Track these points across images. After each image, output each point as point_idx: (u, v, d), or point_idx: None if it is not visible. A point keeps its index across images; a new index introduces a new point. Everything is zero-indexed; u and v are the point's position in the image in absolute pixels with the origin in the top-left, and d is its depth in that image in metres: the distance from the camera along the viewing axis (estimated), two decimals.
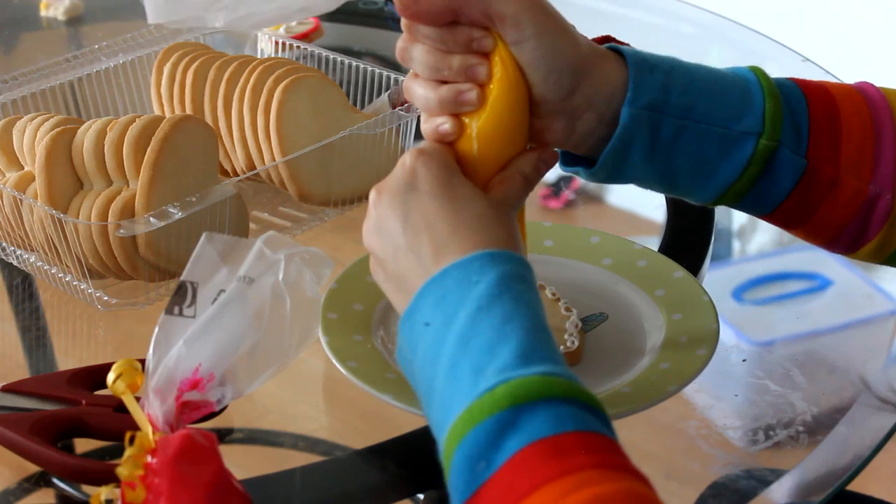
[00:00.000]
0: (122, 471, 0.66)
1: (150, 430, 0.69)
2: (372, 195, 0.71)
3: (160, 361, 0.70)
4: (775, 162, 0.75)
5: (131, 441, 0.67)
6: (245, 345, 0.70)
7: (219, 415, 0.74)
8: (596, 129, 0.74)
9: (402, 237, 0.69)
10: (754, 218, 0.81)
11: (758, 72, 0.76)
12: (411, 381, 0.68)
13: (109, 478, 0.68)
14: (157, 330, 0.71)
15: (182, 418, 0.70)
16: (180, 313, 0.71)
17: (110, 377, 0.70)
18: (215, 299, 0.71)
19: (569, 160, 0.78)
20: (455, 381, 0.62)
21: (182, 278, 0.71)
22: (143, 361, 0.71)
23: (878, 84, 0.79)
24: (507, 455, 0.58)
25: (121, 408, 0.74)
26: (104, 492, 0.67)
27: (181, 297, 0.71)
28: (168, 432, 0.69)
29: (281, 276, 0.71)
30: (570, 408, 0.60)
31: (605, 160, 0.75)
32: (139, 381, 0.70)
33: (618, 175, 0.76)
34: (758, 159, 0.74)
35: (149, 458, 0.66)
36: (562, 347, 0.82)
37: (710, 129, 0.74)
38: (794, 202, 0.76)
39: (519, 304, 0.64)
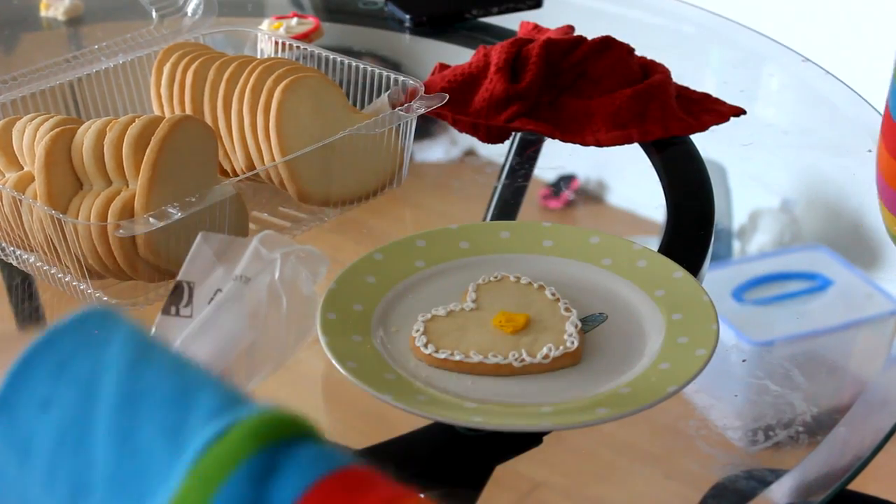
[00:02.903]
0: None
1: None
2: None
3: None
4: None
5: None
6: (242, 344, 0.70)
7: None
8: None
9: None
10: (754, 218, 0.81)
11: None
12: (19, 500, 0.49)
13: None
14: (153, 330, 0.71)
15: None
16: (177, 313, 0.71)
17: None
18: (212, 299, 0.71)
19: None
20: (136, 455, 0.47)
21: (178, 278, 0.71)
22: None
23: (877, 82, 0.79)
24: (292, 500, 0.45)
25: None
26: None
27: (177, 297, 0.71)
28: None
29: (277, 275, 0.71)
30: (318, 444, 0.47)
31: None
32: None
33: None
34: None
35: None
36: (561, 348, 0.82)
37: None
38: None
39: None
